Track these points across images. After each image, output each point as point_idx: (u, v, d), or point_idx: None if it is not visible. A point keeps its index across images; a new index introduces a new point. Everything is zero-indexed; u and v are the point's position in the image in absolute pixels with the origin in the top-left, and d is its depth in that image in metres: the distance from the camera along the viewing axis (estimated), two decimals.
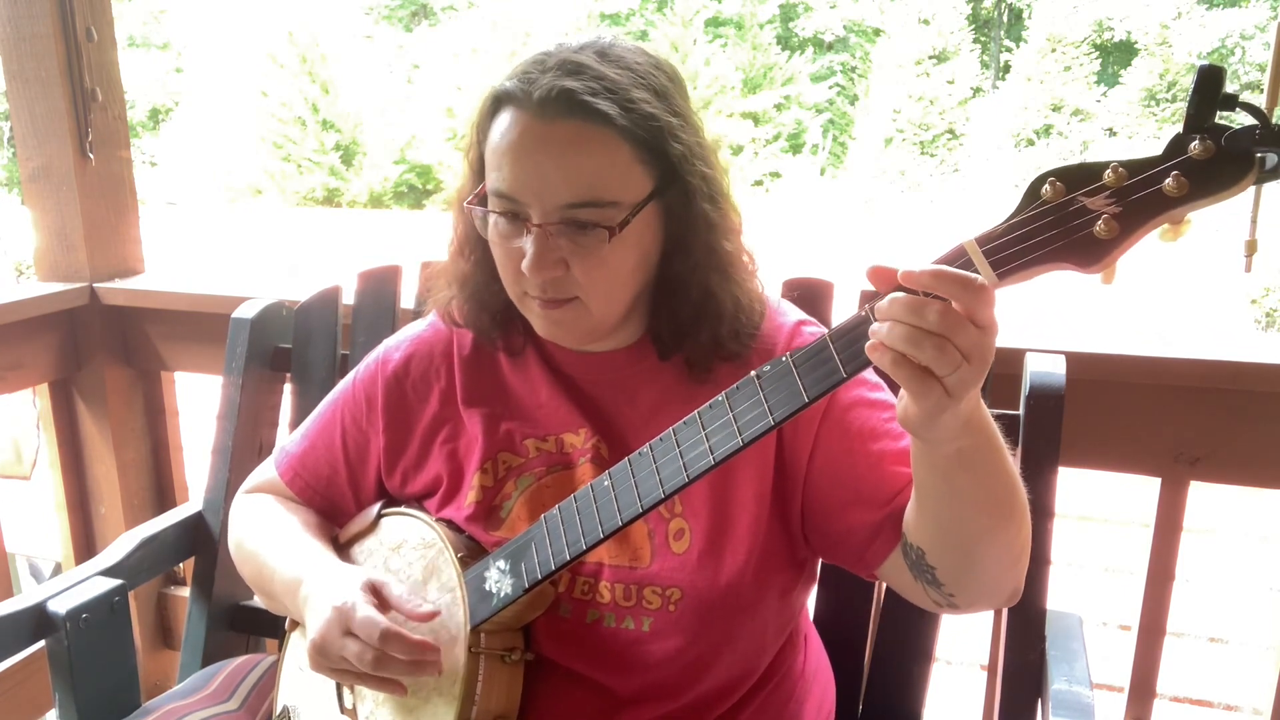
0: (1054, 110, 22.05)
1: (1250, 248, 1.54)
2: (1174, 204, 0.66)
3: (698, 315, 1.00)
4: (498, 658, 0.98)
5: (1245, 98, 0.65)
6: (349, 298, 1.62)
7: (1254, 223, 1.53)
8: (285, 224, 18.90)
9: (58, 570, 2.48)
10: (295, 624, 1.16)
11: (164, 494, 2.23)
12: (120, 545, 1.43)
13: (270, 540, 1.12)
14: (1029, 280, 0.71)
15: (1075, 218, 0.68)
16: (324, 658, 0.94)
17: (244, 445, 1.59)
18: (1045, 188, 0.69)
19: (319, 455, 1.18)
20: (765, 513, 1.00)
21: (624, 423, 1.04)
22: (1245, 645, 2.83)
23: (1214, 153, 0.64)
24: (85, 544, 2.19)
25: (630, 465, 0.89)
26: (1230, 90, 0.65)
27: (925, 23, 23.32)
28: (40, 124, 1.96)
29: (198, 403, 2.45)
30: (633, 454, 0.90)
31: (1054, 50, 22.39)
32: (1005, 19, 25.52)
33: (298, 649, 1.15)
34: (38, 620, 1.25)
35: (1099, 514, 3.66)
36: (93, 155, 1.98)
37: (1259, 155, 0.64)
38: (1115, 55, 22.76)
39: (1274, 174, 0.65)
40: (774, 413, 0.79)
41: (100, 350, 2.08)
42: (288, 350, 1.63)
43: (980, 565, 0.90)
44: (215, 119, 22.65)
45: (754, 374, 0.81)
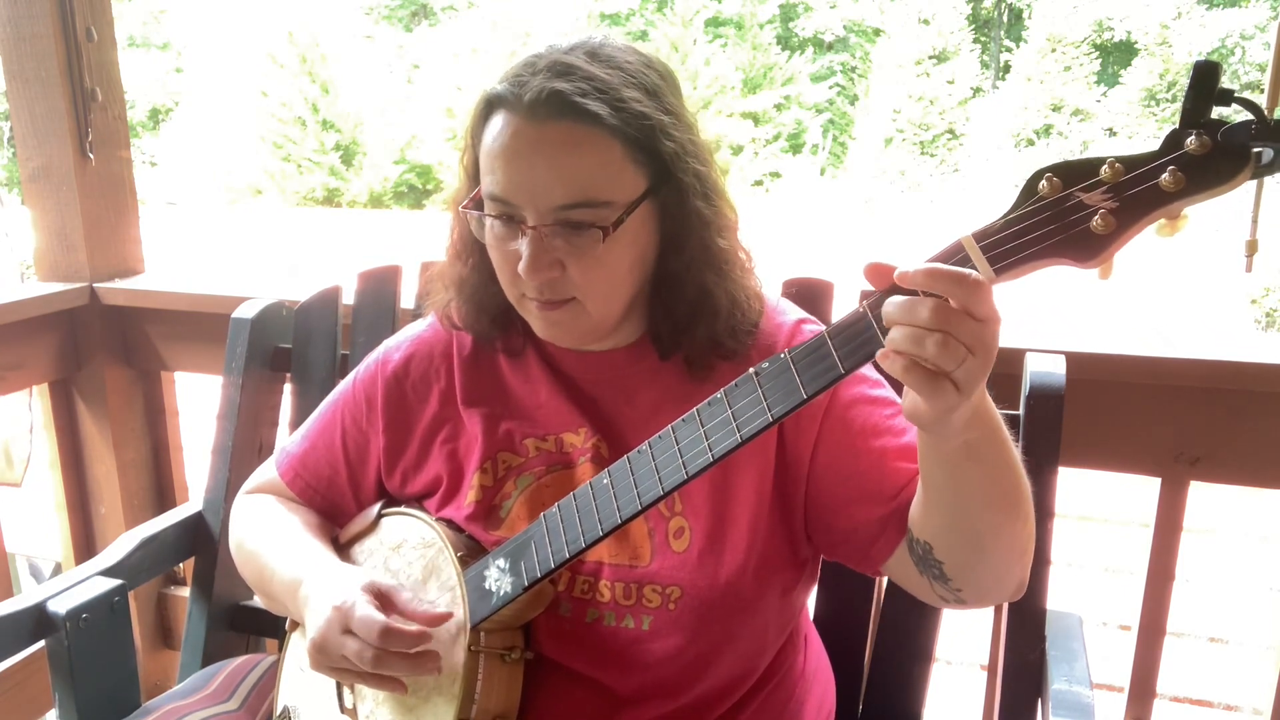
0: (1054, 110, 22.03)
1: (1251, 248, 1.54)
2: (1171, 199, 0.66)
3: (694, 313, 1.00)
4: (497, 656, 0.98)
5: (1236, 90, 0.65)
6: (349, 298, 1.62)
7: (1254, 223, 1.53)
8: (285, 224, 18.89)
9: (58, 570, 2.49)
10: (295, 624, 1.16)
11: (164, 494, 2.23)
12: (120, 545, 1.43)
13: (270, 540, 1.12)
14: (1027, 275, 0.71)
15: (1072, 213, 0.68)
16: (324, 656, 0.94)
17: (244, 445, 1.59)
18: (1042, 183, 0.69)
19: (319, 455, 1.18)
20: (766, 511, 1.00)
21: (624, 422, 1.04)
22: (1245, 645, 2.83)
23: (1210, 148, 0.65)
24: (85, 544, 2.19)
25: (629, 463, 0.89)
26: (1227, 87, 0.65)
27: (925, 23, 23.31)
28: (40, 124, 1.96)
29: (198, 403, 2.45)
30: (632, 452, 0.90)
31: (1054, 50, 22.38)
32: (1005, 19, 25.50)
33: (298, 649, 1.15)
34: (38, 620, 1.25)
35: (1099, 514, 3.66)
36: (93, 155, 1.98)
37: (1255, 150, 0.64)
38: (1115, 55, 22.75)
39: (1270, 168, 0.65)
40: (772, 409, 0.80)
41: (100, 350, 2.08)
42: (288, 350, 1.63)
43: (987, 559, 0.90)
44: (215, 119, 22.63)
45: (753, 371, 0.82)
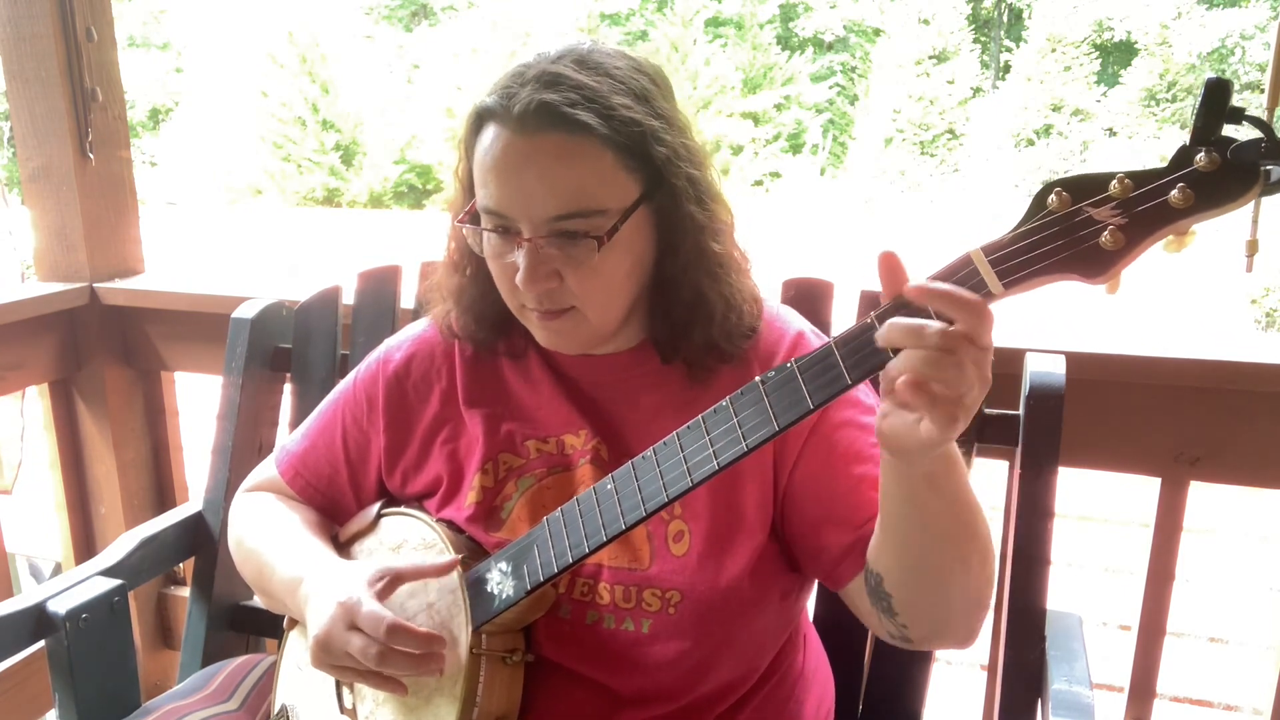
0: (1054, 110, 22.02)
1: (1251, 248, 1.53)
2: (1179, 215, 0.66)
3: (690, 317, 1.00)
4: (499, 659, 0.98)
5: (1246, 100, 0.65)
6: (349, 298, 1.62)
7: (1255, 223, 1.52)
8: (285, 224, 18.88)
9: (58, 570, 2.48)
10: (294, 622, 1.16)
11: (164, 494, 2.23)
12: (120, 545, 1.43)
13: (270, 539, 1.12)
14: (1034, 290, 0.72)
15: (1081, 228, 0.69)
16: (327, 654, 0.94)
17: (244, 445, 1.59)
18: (1051, 198, 0.69)
19: (320, 454, 1.18)
20: (767, 517, 1.00)
21: (625, 425, 1.04)
22: (1245, 645, 2.83)
23: (1219, 165, 0.65)
24: (85, 544, 2.19)
25: (633, 469, 0.89)
26: (1234, 101, 0.65)
27: (925, 23, 23.30)
28: (40, 124, 1.96)
29: (198, 403, 2.45)
30: (636, 457, 0.89)
31: (1054, 50, 22.36)
32: (1005, 19, 25.50)
33: (296, 648, 1.15)
34: (38, 620, 1.25)
35: (1099, 514, 3.66)
36: (93, 155, 1.98)
37: (1264, 168, 0.64)
38: (1115, 55, 22.74)
39: (1278, 186, 0.65)
40: (778, 419, 0.80)
41: (100, 350, 2.08)
42: (288, 350, 1.63)
43: (936, 599, 0.90)
44: (215, 119, 22.63)
45: (758, 380, 0.82)
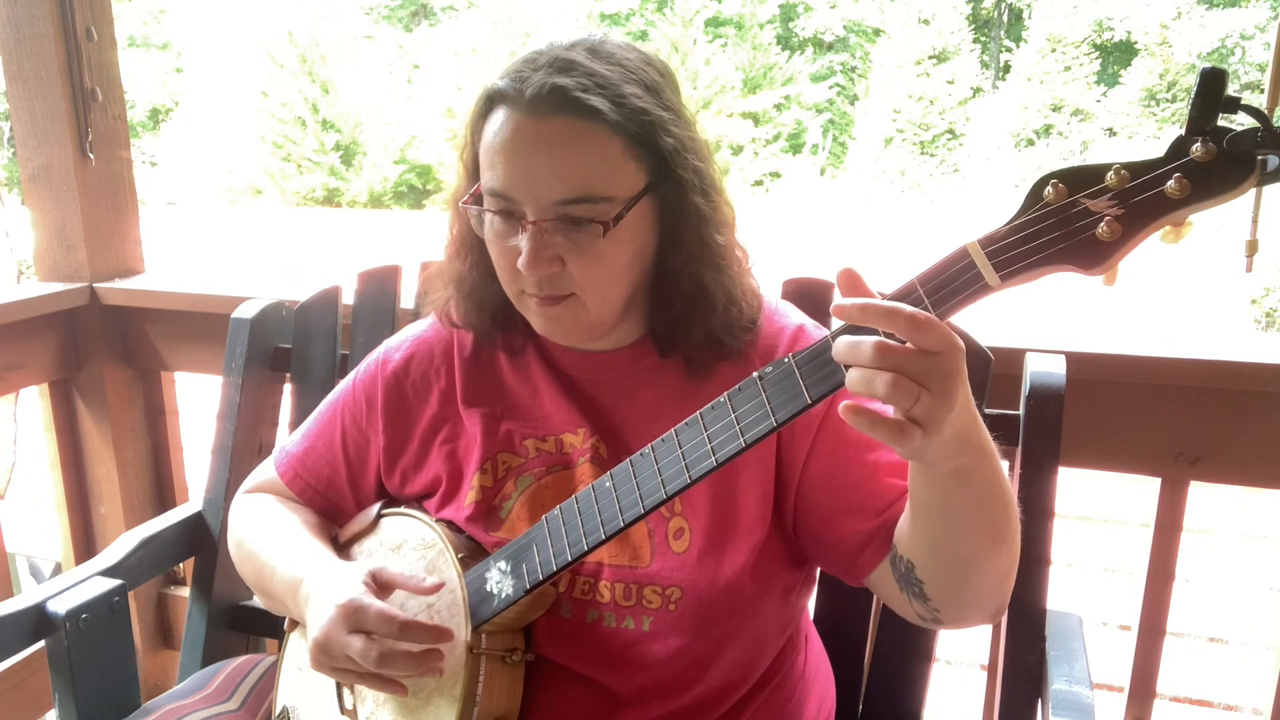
0: (1054, 110, 22.03)
1: (1251, 248, 1.53)
2: (1176, 206, 0.66)
3: (691, 309, 1.00)
4: (499, 658, 0.98)
5: (1245, 98, 0.65)
6: (349, 298, 1.62)
7: (1254, 223, 1.52)
8: (285, 224, 18.88)
9: (58, 570, 2.49)
10: (295, 624, 1.16)
11: (164, 494, 2.23)
12: (120, 545, 1.43)
13: (270, 540, 1.12)
14: (1031, 282, 0.71)
15: (1077, 219, 0.68)
16: (327, 656, 0.94)
17: (244, 445, 1.59)
18: (1048, 189, 0.69)
19: (319, 455, 1.18)
20: (767, 514, 1.00)
21: (623, 422, 1.04)
22: (1245, 645, 2.83)
23: (1216, 155, 0.65)
24: (85, 544, 2.19)
25: (632, 466, 0.89)
26: (1231, 92, 0.65)
27: (925, 23, 23.30)
28: (40, 124, 1.96)
29: (198, 403, 2.45)
30: (634, 455, 0.89)
31: (1054, 50, 22.37)
32: (1005, 19, 25.49)
33: (297, 649, 1.15)
34: (38, 620, 1.25)
35: (1099, 514, 3.66)
36: (93, 155, 1.98)
37: (1260, 157, 0.64)
38: (1115, 55, 22.74)
39: (1275, 176, 0.65)
40: (776, 414, 0.79)
41: (100, 350, 2.08)
42: (288, 350, 1.63)
43: (969, 582, 0.90)
44: (215, 119, 22.61)
45: (756, 375, 0.81)
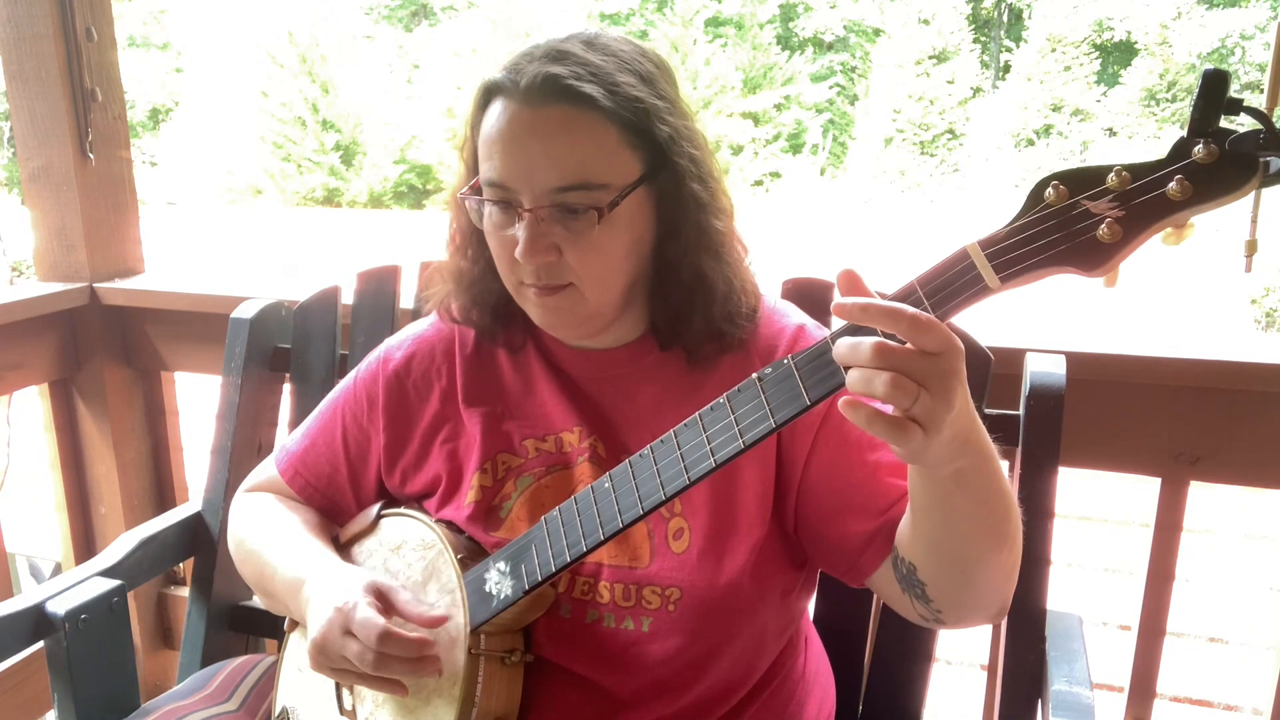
0: (1054, 110, 22.03)
1: (1250, 248, 1.53)
2: (1177, 208, 0.65)
3: (691, 299, 1.00)
4: (498, 659, 0.98)
5: (1246, 99, 0.65)
6: (349, 298, 1.62)
7: (1254, 223, 1.52)
8: (285, 224, 18.88)
9: (58, 570, 2.49)
10: (295, 624, 1.16)
11: (164, 494, 2.23)
12: (120, 545, 1.43)
13: (271, 540, 1.12)
14: (1032, 284, 0.71)
15: (1078, 221, 0.68)
16: (324, 658, 0.94)
17: (244, 445, 1.58)
18: (1048, 191, 0.69)
19: (319, 454, 1.18)
20: (767, 514, 0.99)
21: (623, 421, 1.04)
22: (1245, 645, 2.83)
23: (1218, 156, 0.64)
24: (85, 544, 2.19)
25: (631, 467, 0.89)
26: (1232, 93, 0.65)
27: (925, 23, 23.29)
28: (40, 124, 1.96)
29: (198, 403, 2.45)
30: (633, 455, 0.89)
31: (1054, 50, 22.37)
32: (1005, 19, 25.49)
33: (297, 649, 1.15)
34: (37, 620, 1.25)
35: (1099, 514, 3.66)
36: (93, 155, 1.98)
37: (1263, 159, 0.64)
38: (1115, 55, 22.74)
39: (1277, 178, 0.64)
40: (775, 415, 0.79)
41: (100, 350, 2.08)
42: (287, 350, 1.63)
43: (971, 584, 0.90)
44: (215, 119, 22.61)
45: (755, 376, 0.81)
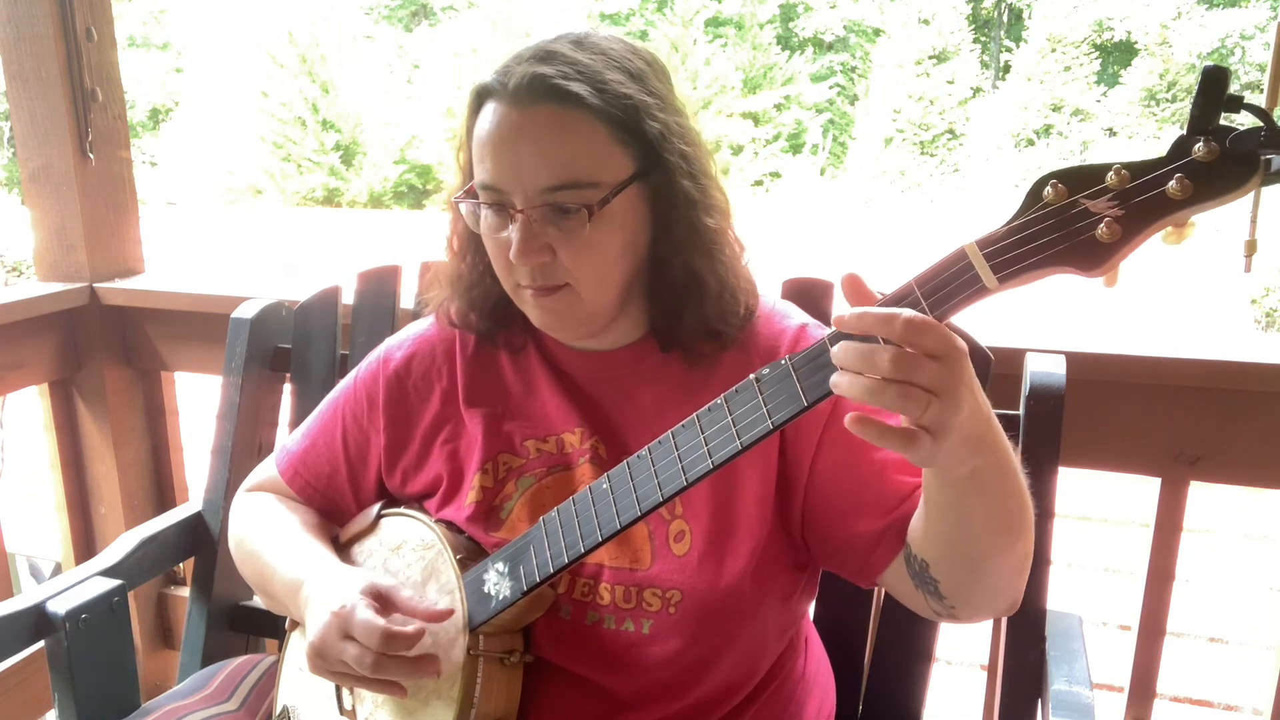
0: (1054, 110, 22.02)
1: (1250, 248, 1.53)
2: (1177, 207, 0.65)
3: (683, 297, 0.99)
4: (497, 660, 0.98)
5: (1246, 98, 0.64)
6: (349, 298, 1.62)
7: (1254, 223, 1.52)
8: (285, 224, 18.88)
9: (58, 570, 2.49)
10: (295, 624, 1.16)
11: (164, 494, 2.23)
12: (120, 545, 1.43)
13: (271, 540, 1.12)
14: (1031, 284, 0.70)
15: (1077, 220, 0.67)
16: (323, 660, 0.94)
17: (244, 445, 1.58)
18: (1047, 190, 0.68)
19: (320, 454, 1.18)
20: (768, 516, 0.99)
21: (624, 422, 1.04)
22: (1245, 645, 2.83)
23: (1218, 155, 0.63)
24: (85, 544, 2.19)
25: (629, 468, 0.89)
26: (1232, 91, 0.64)
27: (925, 23, 23.29)
28: (40, 124, 1.96)
29: (198, 403, 2.45)
30: (631, 457, 0.89)
31: (1054, 50, 22.36)
32: (1005, 19, 25.49)
33: (298, 649, 1.15)
34: (37, 620, 1.25)
35: (1099, 514, 3.66)
36: (93, 155, 1.98)
37: (1264, 157, 0.63)
38: (1115, 55, 22.73)
39: (1278, 176, 0.64)
40: (773, 416, 0.79)
41: (100, 350, 2.08)
42: (287, 350, 1.63)
43: (984, 579, 0.90)
44: (215, 119, 22.60)
45: (753, 377, 0.81)
